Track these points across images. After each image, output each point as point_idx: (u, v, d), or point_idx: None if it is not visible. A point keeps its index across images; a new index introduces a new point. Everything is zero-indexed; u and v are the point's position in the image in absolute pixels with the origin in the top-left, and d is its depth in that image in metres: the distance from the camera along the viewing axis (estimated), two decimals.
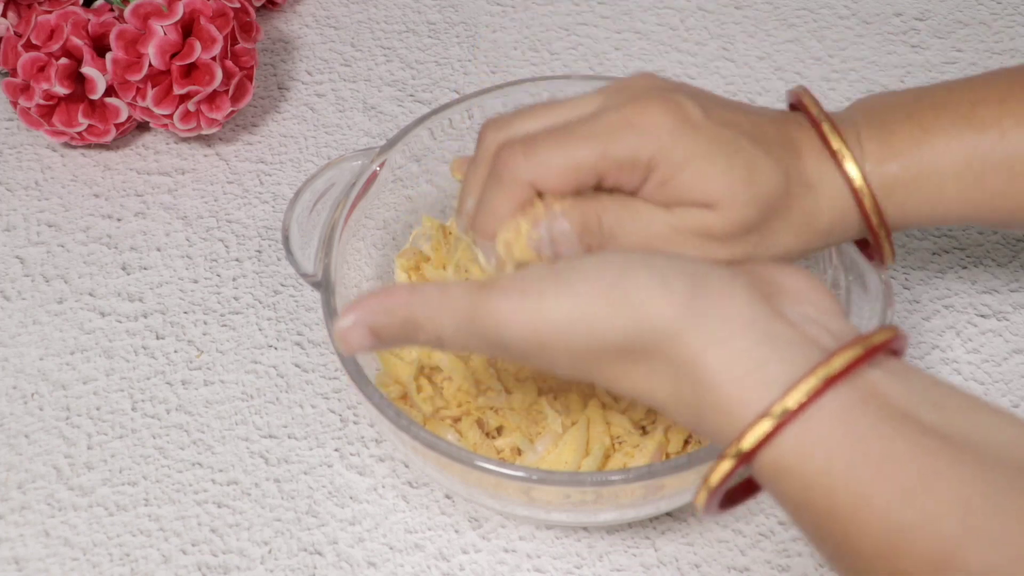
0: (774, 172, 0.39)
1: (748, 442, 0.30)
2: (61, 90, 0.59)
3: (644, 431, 0.46)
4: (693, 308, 0.32)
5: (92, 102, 0.60)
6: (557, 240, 0.38)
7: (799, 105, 0.42)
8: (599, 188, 0.39)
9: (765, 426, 0.30)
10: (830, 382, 0.30)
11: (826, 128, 0.40)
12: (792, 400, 0.29)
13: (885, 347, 0.31)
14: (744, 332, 0.31)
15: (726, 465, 0.31)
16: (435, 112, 0.52)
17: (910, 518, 0.28)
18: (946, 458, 0.28)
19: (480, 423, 0.46)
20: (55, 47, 0.59)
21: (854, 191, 0.40)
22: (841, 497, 0.29)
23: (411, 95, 0.66)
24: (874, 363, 0.31)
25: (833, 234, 0.41)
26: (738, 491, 0.34)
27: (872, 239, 0.42)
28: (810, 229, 0.40)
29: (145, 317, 0.56)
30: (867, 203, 0.40)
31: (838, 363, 0.30)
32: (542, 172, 0.38)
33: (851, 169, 0.40)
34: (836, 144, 0.40)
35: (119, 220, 0.60)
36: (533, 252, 0.38)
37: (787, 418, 0.29)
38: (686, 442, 0.46)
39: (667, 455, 0.45)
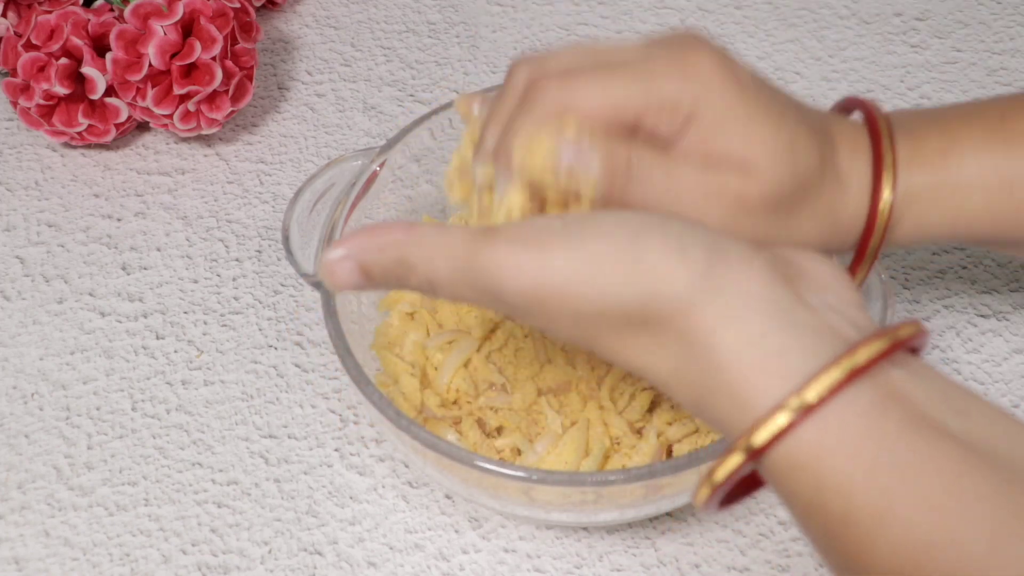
0: (814, 151, 0.37)
1: (761, 436, 0.28)
2: (61, 90, 0.59)
3: (639, 434, 0.46)
4: (710, 279, 0.29)
5: (92, 102, 0.60)
6: (577, 168, 0.34)
7: (863, 109, 0.40)
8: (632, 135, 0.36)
9: (781, 420, 0.27)
10: (853, 376, 0.27)
11: (884, 144, 0.39)
12: (812, 393, 0.27)
13: (910, 342, 0.29)
14: (763, 313, 0.29)
15: (735, 460, 0.29)
16: (435, 112, 0.52)
17: (934, 535, 0.26)
18: (974, 472, 0.26)
19: (480, 423, 0.46)
20: (55, 47, 0.59)
21: (874, 206, 0.38)
22: (860, 503, 0.27)
23: (411, 95, 0.66)
24: (895, 361, 0.28)
25: (838, 236, 0.39)
26: (738, 488, 0.31)
27: (855, 258, 0.40)
28: (830, 223, 0.38)
29: (145, 317, 0.56)
30: (880, 221, 0.38)
31: (863, 356, 0.27)
32: (578, 104, 0.35)
33: (886, 192, 0.38)
34: (888, 159, 0.38)
35: (119, 220, 0.60)
36: (548, 171, 0.34)
37: (806, 412, 0.27)
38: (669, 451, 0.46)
39: (669, 450, 0.46)
